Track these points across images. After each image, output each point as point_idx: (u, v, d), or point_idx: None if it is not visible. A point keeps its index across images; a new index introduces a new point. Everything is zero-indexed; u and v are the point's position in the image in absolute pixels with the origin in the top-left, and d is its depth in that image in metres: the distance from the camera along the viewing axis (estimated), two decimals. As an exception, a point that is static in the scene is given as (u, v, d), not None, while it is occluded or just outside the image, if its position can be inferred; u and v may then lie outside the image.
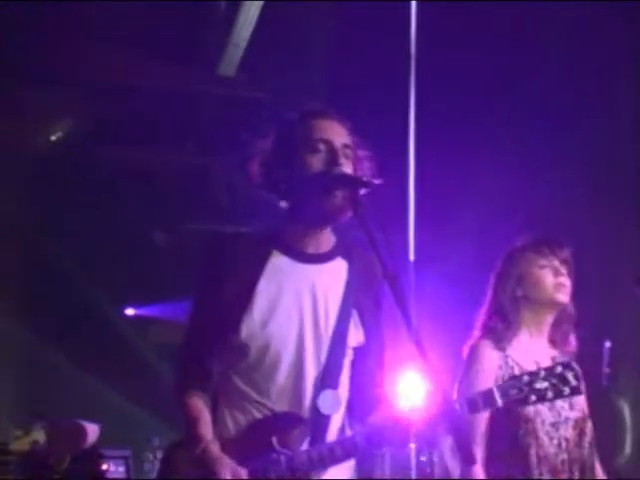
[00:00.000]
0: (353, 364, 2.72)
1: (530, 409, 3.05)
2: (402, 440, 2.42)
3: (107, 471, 4.58)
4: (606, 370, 5.32)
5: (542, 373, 2.40)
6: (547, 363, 3.15)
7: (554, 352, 3.31)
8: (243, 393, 2.63)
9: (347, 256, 2.75)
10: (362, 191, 2.51)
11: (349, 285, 2.69)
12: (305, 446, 2.56)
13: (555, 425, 3.11)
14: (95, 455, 4.57)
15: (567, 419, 3.14)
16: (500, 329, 3.25)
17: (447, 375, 2.16)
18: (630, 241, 6.37)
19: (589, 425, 3.20)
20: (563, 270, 3.30)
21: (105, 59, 6.27)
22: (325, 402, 2.57)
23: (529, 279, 3.30)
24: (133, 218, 7.76)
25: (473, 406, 2.40)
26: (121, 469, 4.64)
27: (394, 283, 2.27)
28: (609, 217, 6.50)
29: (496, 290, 3.36)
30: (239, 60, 6.01)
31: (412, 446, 4.06)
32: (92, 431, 4.39)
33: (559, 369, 2.41)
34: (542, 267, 3.29)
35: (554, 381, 2.39)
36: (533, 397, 2.39)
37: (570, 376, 2.41)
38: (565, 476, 3.06)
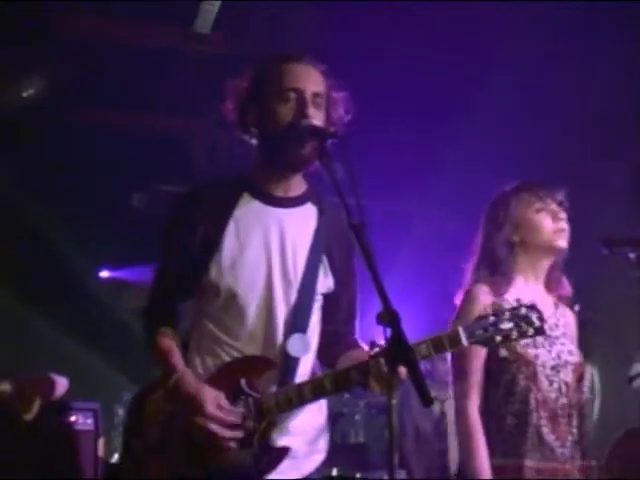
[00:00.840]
0: (324, 310, 2.75)
1: (530, 351, 3.02)
2: (367, 382, 2.43)
3: (75, 422, 4.60)
4: (575, 334, 5.39)
5: (507, 314, 2.43)
6: (548, 308, 3.14)
7: (551, 297, 3.25)
8: (213, 336, 2.66)
9: (318, 203, 2.78)
10: (330, 141, 2.51)
11: (319, 231, 2.72)
12: (274, 389, 2.58)
13: (556, 368, 3.05)
14: (63, 407, 4.59)
15: (567, 363, 3.08)
16: (494, 276, 3.16)
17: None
18: (600, 208, 6.43)
19: (587, 370, 3.21)
20: (561, 214, 3.18)
21: (79, 16, 6.20)
22: (294, 345, 2.60)
23: (526, 224, 3.18)
24: (110, 179, 7.72)
25: (439, 346, 2.42)
26: (89, 421, 4.65)
27: (359, 232, 2.28)
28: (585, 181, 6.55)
29: (488, 236, 3.23)
30: (215, 17, 5.96)
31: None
32: (61, 384, 4.40)
33: (523, 310, 2.44)
34: (539, 210, 3.17)
35: (519, 322, 2.42)
36: (498, 337, 2.41)
37: (534, 317, 2.44)
38: (564, 421, 3.01)
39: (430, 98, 6.63)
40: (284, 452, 2.56)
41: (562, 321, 3.20)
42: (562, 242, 3.17)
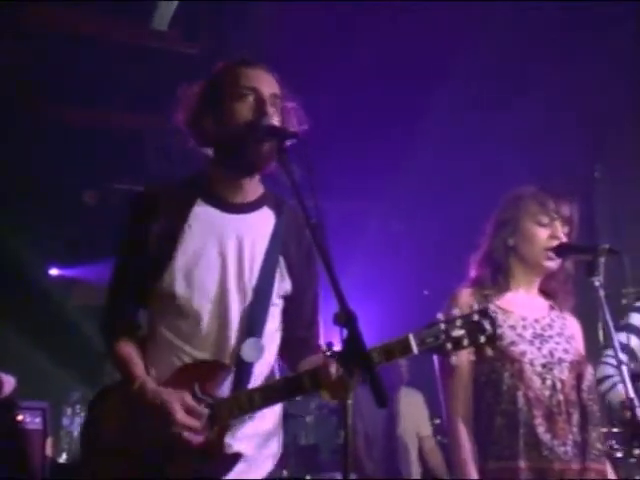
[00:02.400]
0: (284, 315, 2.73)
1: (514, 349, 2.99)
2: (318, 388, 2.40)
3: (23, 422, 4.53)
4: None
5: (459, 321, 2.31)
6: (540, 311, 3.17)
7: (546, 302, 3.23)
8: (169, 343, 2.62)
9: (275, 207, 2.75)
10: (289, 142, 2.48)
11: (276, 234, 2.69)
12: (228, 393, 2.55)
13: (547, 366, 3.00)
14: (10, 406, 4.52)
15: (561, 360, 3.03)
16: (488, 277, 3.15)
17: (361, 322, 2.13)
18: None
19: (588, 369, 3.08)
20: (560, 233, 3.13)
21: (33, 7, 6.09)
22: (247, 350, 2.56)
23: (523, 232, 3.16)
24: (60, 176, 7.63)
25: (390, 354, 2.33)
26: (37, 420, 4.59)
27: (316, 232, 2.27)
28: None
29: (491, 234, 3.23)
30: (172, 14, 5.92)
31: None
32: (7, 382, 4.35)
33: (475, 317, 2.32)
34: (539, 224, 3.14)
35: (470, 328, 2.31)
36: (449, 345, 2.30)
37: (487, 324, 2.32)
38: (562, 418, 2.95)
39: (386, 98, 6.67)
40: (236, 458, 2.52)
41: (559, 322, 3.17)
42: (550, 263, 3.15)
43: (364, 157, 7.40)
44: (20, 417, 4.52)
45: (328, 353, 2.31)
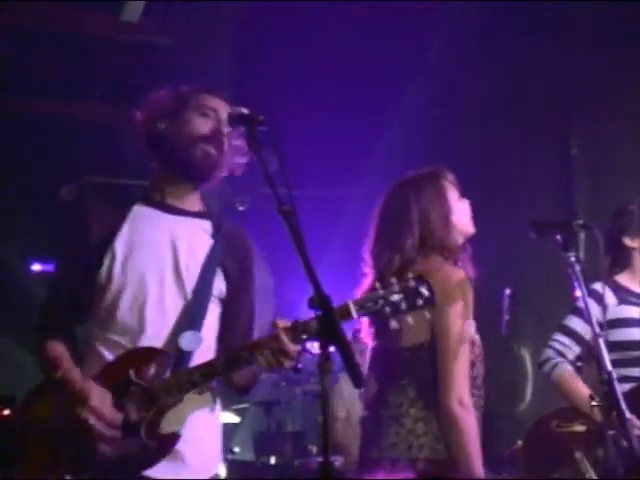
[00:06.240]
0: (221, 327, 2.83)
1: (477, 337, 3.01)
2: (255, 358, 2.48)
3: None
4: (506, 317, 5.45)
5: (396, 287, 2.42)
6: None
7: None
8: (105, 335, 2.68)
9: (214, 222, 2.87)
10: (259, 128, 2.50)
11: (215, 245, 2.80)
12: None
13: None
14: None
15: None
16: None
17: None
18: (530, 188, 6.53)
19: None
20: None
21: (4, 3, 6.05)
22: (185, 340, 2.63)
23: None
24: (38, 171, 7.60)
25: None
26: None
27: (289, 218, 2.27)
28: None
29: None
30: (143, 6, 5.90)
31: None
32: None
33: (412, 283, 2.42)
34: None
35: (408, 293, 2.41)
36: (388, 309, 2.41)
37: (423, 289, 2.41)
38: (482, 392, 2.98)
39: (363, 84, 6.70)
40: (173, 439, 2.57)
41: None
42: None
43: (344, 143, 7.42)
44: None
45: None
